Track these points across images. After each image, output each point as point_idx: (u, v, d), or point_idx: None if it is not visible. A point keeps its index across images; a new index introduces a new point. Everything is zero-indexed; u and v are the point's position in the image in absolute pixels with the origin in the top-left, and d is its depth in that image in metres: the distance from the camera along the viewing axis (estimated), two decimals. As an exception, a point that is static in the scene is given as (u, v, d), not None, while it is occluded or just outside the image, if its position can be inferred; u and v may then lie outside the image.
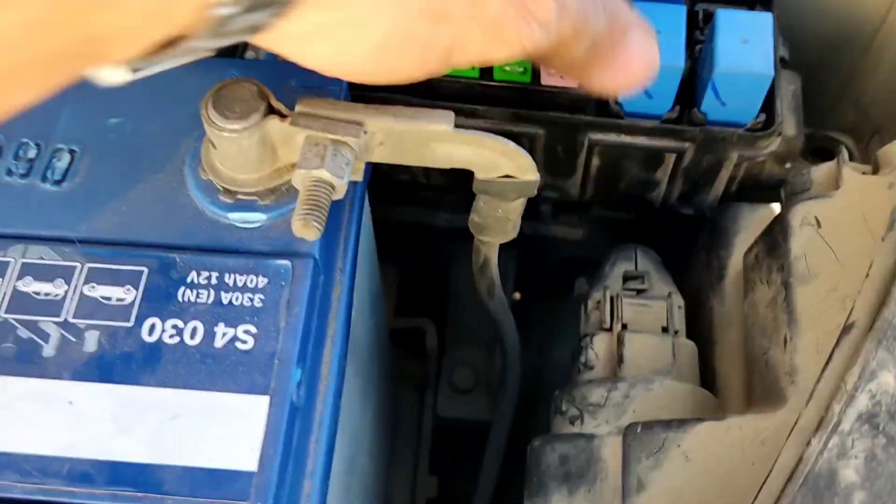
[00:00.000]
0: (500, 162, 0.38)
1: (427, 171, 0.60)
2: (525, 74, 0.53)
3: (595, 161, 0.58)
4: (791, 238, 0.46)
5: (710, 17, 0.57)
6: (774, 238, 0.47)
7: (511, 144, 0.38)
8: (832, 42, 0.68)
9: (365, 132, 0.36)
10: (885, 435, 0.31)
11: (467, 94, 0.54)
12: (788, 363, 0.43)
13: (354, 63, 0.31)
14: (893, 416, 0.31)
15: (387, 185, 0.61)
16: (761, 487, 0.37)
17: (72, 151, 0.40)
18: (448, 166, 0.38)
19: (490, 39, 0.32)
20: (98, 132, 0.40)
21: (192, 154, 0.39)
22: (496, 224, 0.44)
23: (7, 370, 0.34)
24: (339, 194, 0.36)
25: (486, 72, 0.54)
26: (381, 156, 0.38)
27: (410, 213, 0.68)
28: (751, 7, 0.58)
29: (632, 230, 0.65)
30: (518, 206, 0.42)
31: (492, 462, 0.68)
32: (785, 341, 0.44)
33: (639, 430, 0.44)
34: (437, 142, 0.37)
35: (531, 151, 0.57)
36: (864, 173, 0.49)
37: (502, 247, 0.49)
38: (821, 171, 0.50)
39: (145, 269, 0.37)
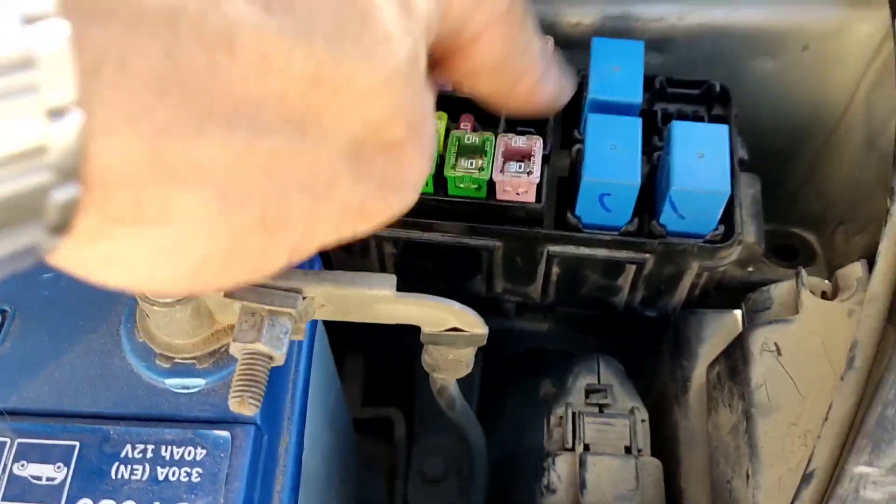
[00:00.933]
0: (446, 318, 0.36)
1: (382, 269, 0.58)
2: (480, 191, 0.51)
3: (555, 269, 0.55)
4: (751, 365, 0.43)
5: (668, 118, 0.55)
6: (735, 362, 0.45)
7: (456, 304, 0.35)
8: (794, 133, 0.66)
9: (304, 298, 0.33)
10: None
11: (423, 209, 0.52)
12: (752, 500, 0.40)
13: (166, 286, 0.25)
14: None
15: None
16: None
17: (2, 311, 0.37)
18: (393, 322, 0.36)
19: (348, 222, 0.27)
20: (30, 289, 0.37)
21: (128, 314, 0.36)
22: (449, 365, 0.41)
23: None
24: (279, 362, 0.33)
25: (441, 187, 0.51)
26: (323, 315, 0.35)
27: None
28: (710, 104, 0.56)
29: (597, 325, 0.62)
30: (469, 351, 0.40)
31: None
32: (747, 475, 0.41)
33: (602, 569, 0.41)
34: (383, 304, 0.34)
35: (489, 262, 0.55)
36: (823, 293, 0.46)
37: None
38: (781, 290, 0.48)
39: (77, 444, 0.34)
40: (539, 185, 0.50)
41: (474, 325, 0.36)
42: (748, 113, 0.61)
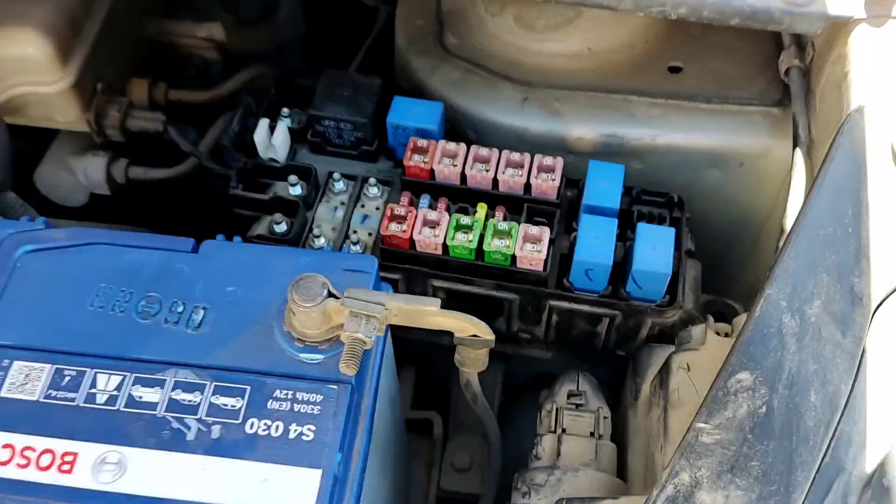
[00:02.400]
0: (468, 327, 0.56)
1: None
2: (506, 261, 0.71)
3: (554, 317, 0.75)
4: (671, 377, 0.62)
5: (641, 217, 0.75)
6: (663, 376, 0.64)
7: (475, 319, 0.55)
8: (735, 227, 0.85)
9: (386, 309, 0.53)
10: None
11: (467, 269, 0.72)
12: (661, 463, 0.59)
13: None
14: (686, 497, 0.47)
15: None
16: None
17: (204, 308, 0.58)
18: (437, 328, 0.56)
19: None
20: (224, 295, 0.58)
21: (278, 314, 0.56)
22: (471, 362, 0.61)
23: (164, 447, 0.51)
24: (369, 346, 0.53)
25: (480, 257, 0.71)
26: (395, 321, 0.55)
27: (424, 335, 0.84)
28: (670, 209, 0.76)
29: (584, 357, 0.80)
30: (484, 352, 0.59)
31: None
32: (661, 448, 0.60)
33: (564, 502, 0.60)
34: (430, 316, 0.54)
35: (509, 309, 0.75)
36: (726, 335, 0.65)
37: (493, 362, 0.65)
38: (697, 331, 0.67)
39: (248, 388, 0.54)
40: (545, 260, 0.70)
41: (486, 332, 0.56)
42: (702, 210, 0.81)
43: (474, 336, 0.57)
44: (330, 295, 0.53)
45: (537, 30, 0.85)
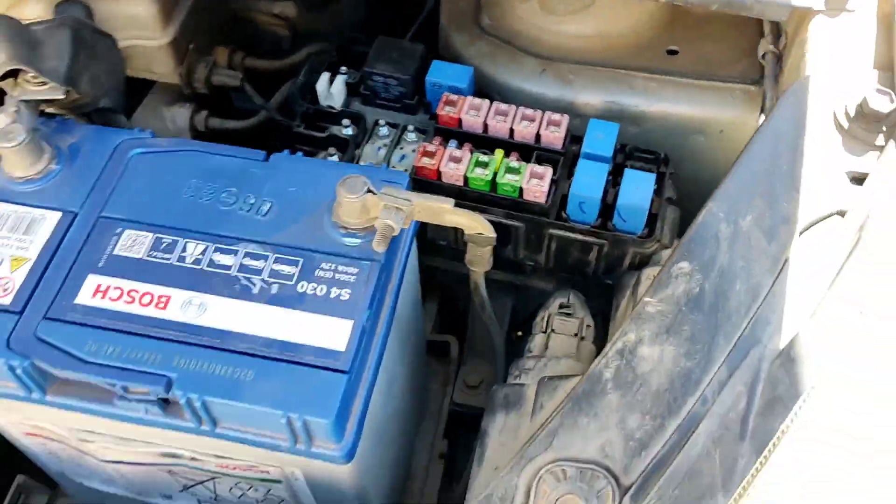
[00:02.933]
0: (475, 226, 0.68)
1: (455, 238, 0.90)
2: (515, 192, 0.83)
3: (553, 245, 0.87)
4: (640, 286, 0.75)
5: (627, 162, 0.87)
6: (635, 286, 0.76)
7: (480, 217, 0.68)
8: (711, 188, 0.96)
9: (411, 204, 0.66)
10: (625, 359, 0.59)
11: (482, 199, 0.85)
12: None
13: None
14: (631, 350, 0.59)
15: (433, 245, 0.91)
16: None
17: (271, 202, 0.71)
18: (452, 225, 0.69)
19: None
20: (286, 193, 0.72)
21: (328, 208, 0.70)
22: (478, 260, 0.74)
23: (235, 297, 0.65)
24: (396, 232, 0.66)
25: (494, 189, 0.84)
26: (419, 217, 0.68)
27: (446, 263, 0.97)
28: (658, 165, 0.88)
29: (579, 285, 0.92)
30: (488, 249, 0.72)
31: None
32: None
33: (546, 381, 0.72)
34: (445, 213, 0.67)
35: (516, 236, 0.87)
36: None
37: (504, 294, 0.77)
38: (667, 252, 0.79)
39: (301, 260, 0.67)
40: (547, 194, 0.83)
41: (489, 230, 0.69)
42: (688, 169, 0.92)
43: (480, 234, 0.69)
44: (369, 191, 0.67)
45: (557, 14, 0.98)
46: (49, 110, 0.76)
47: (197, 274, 0.66)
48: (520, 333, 1.04)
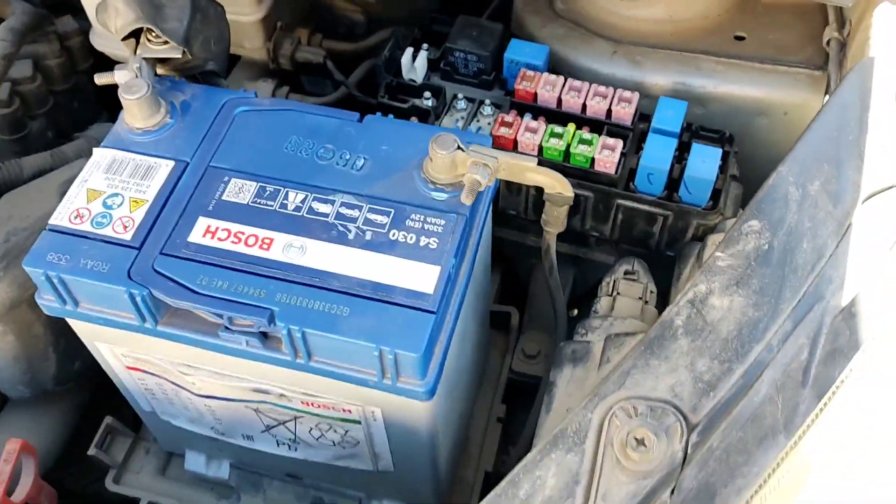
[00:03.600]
0: (555, 184, 0.72)
1: (525, 208, 0.94)
2: (587, 163, 0.87)
3: (620, 216, 0.91)
4: (705, 251, 0.78)
5: (693, 140, 0.90)
6: (699, 252, 0.79)
7: (560, 176, 0.72)
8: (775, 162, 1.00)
9: (497, 161, 0.71)
10: (695, 308, 0.62)
11: (556, 168, 0.88)
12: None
13: None
14: (702, 300, 0.62)
15: (502, 216, 0.96)
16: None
17: (365, 158, 0.76)
18: (533, 184, 0.73)
19: None
20: (379, 151, 0.76)
21: (418, 164, 0.74)
22: (554, 220, 0.78)
23: (332, 241, 0.70)
24: (482, 188, 0.70)
25: (567, 159, 0.88)
26: (502, 175, 0.72)
27: (513, 234, 1.01)
28: (723, 143, 0.91)
29: (643, 257, 0.96)
30: (565, 209, 0.76)
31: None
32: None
33: (613, 337, 0.76)
34: (528, 172, 0.71)
35: (584, 206, 0.91)
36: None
37: (567, 265, 0.81)
38: (732, 222, 0.82)
39: (392, 210, 0.72)
40: (617, 165, 0.86)
41: (567, 189, 0.72)
42: (752, 149, 0.95)
43: (559, 193, 0.73)
44: (459, 148, 0.71)
45: (629, -1, 1.01)
46: (161, 72, 0.81)
47: (297, 220, 0.71)
48: (576, 312, 1.08)
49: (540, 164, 0.87)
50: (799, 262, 0.64)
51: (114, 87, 0.76)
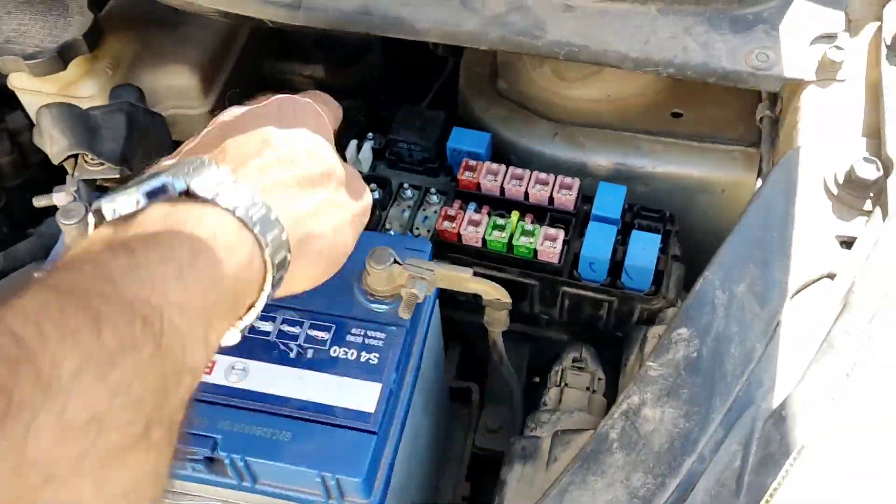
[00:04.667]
0: (492, 292, 0.73)
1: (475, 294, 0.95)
2: (530, 253, 0.88)
3: (566, 302, 0.92)
4: (647, 344, 0.79)
5: (640, 227, 0.91)
6: (641, 344, 0.80)
7: (496, 284, 0.73)
8: (716, 244, 1.01)
9: (434, 273, 0.72)
10: (629, 420, 0.63)
11: (499, 259, 0.90)
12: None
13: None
14: (635, 411, 0.63)
15: (455, 300, 0.96)
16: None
17: (306, 271, 0.77)
18: (471, 292, 0.74)
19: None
20: (318, 263, 0.77)
21: (358, 276, 0.75)
22: (495, 322, 0.79)
23: (275, 361, 0.70)
24: (421, 300, 0.71)
25: (511, 251, 0.89)
26: (441, 285, 0.73)
27: (467, 315, 1.02)
28: (664, 223, 0.92)
29: (592, 338, 0.97)
30: (504, 313, 0.77)
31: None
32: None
33: (559, 434, 0.77)
34: (465, 282, 0.72)
35: (531, 292, 0.92)
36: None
37: (521, 343, 0.82)
38: (672, 312, 0.83)
39: (334, 326, 0.73)
40: (560, 255, 0.87)
41: (504, 295, 0.74)
42: (694, 225, 0.97)
43: (497, 300, 0.74)
44: (395, 262, 0.72)
45: (568, 80, 1.03)
46: (105, 184, 0.82)
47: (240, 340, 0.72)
48: (537, 379, 1.08)
49: (484, 255, 0.89)
50: (728, 367, 0.65)
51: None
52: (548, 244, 0.86)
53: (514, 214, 0.90)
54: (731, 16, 0.89)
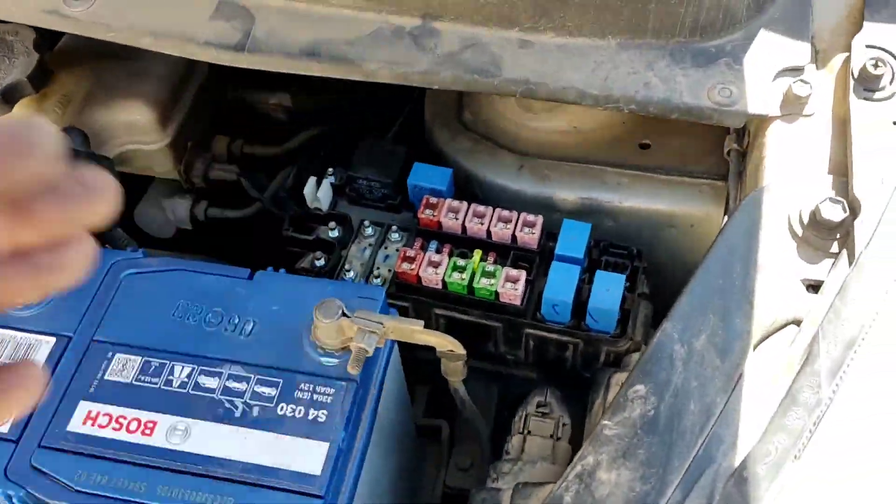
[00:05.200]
0: (445, 343, 0.71)
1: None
2: (492, 296, 0.86)
3: (531, 342, 0.89)
4: (609, 391, 0.76)
5: (608, 265, 0.89)
6: (605, 390, 0.78)
7: (448, 336, 0.70)
8: (685, 280, 0.99)
9: (383, 327, 0.69)
10: (583, 483, 0.61)
11: (461, 301, 0.87)
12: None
13: None
14: (590, 474, 0.61)
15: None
16: None
17: (254, 321, 0.74)
18: (421, 343, 0.71)
19: None
20: (269, 312, 0.74)
21: (307, 328, 0.72)
22: (453, 372, 0.76)
23: (218, 420, 0.67)
24: (370, 354, 0.68)
25: (472, 292, 0.86)
26: (393, 337, 0.71)
27: (431, 355, 0.99)
28: (631, 260, 0.90)
29: (558, 378, 0.94)
30: (461, 363, 0.74)
31: None
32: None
33: (521, 487, 0.74)
34: (417, 334, 0.70)
35: (495, 334, 0.90)
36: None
37: (490, 381, 0.79)
38: (637, 356, 0.80)
39: (281, 381, 0.70)
40: (522, 296, 0.85)
41: (458, 347, 0.71)
42: (663, 260, 0.94)
43: (451, 350, 0.72)
44: (343, 314, 0.69)
45: (534, 111, 1.00)
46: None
47: (182, 398, 0.69)
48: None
49: (445, 297, 0.86)
50: (687, 425, 0.63)
51: None
52: (509, 286, 0.84)
53: (477, 254, 0.88)
54: (693, 49, 0.87)
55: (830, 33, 0.89)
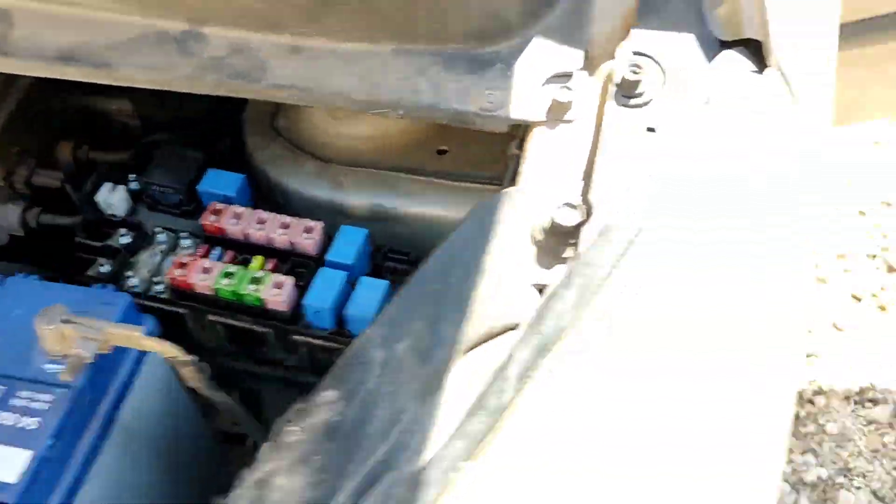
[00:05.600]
0: (169, 350, 0.71)
1: (224, 341, 0.93)
2: (258, 301, 0.86)
3: (302, 349, 0.89)
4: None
5: (388, 270, 0.89)
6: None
7: (171, 345, 0.71)
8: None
9: (101, 333, 0.69)
10: (260, 490, 0.61)
11: (233, 307, 0.87)
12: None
13: None
14: (264, 483, 0.61)
15: (216, 349, 0.94)
16: None
17: (-10, 329, 0.74)
18: (148, 349, 0.72)
19: None
20: (10, 317, 0.75)
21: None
22: (185, 377, 0.77)
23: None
24: (88, 360, 0.69)
25: (241, 297, 0.87)
26: (117, 342, 0.71)
27: (237, 363, 0.99)
28: (412, 265, 0.90)
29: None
30: (192, 368, 0.75)
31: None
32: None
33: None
34: (140, 341, 0.70)
35: (270, 341, 0.90)
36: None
37: (281, 388, 0.81)
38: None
39: (5, 387, 0.70)
40: (290, 302, 0.85)
41: (182, 354, 0.72)
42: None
43: (175, 356, 0.72)
44: (65, 321, 0.70)
45: (338, 117, 1.01)
46: None
47: None
48: None
49: (218, 303, 0.87)
50: (371, 431, 0.63)
51: None
52: (275, 292, 0.84)
53: (257, 260, 0.89)
54: (469, 56, 0.87)
55: (606, 40, 0.89)
